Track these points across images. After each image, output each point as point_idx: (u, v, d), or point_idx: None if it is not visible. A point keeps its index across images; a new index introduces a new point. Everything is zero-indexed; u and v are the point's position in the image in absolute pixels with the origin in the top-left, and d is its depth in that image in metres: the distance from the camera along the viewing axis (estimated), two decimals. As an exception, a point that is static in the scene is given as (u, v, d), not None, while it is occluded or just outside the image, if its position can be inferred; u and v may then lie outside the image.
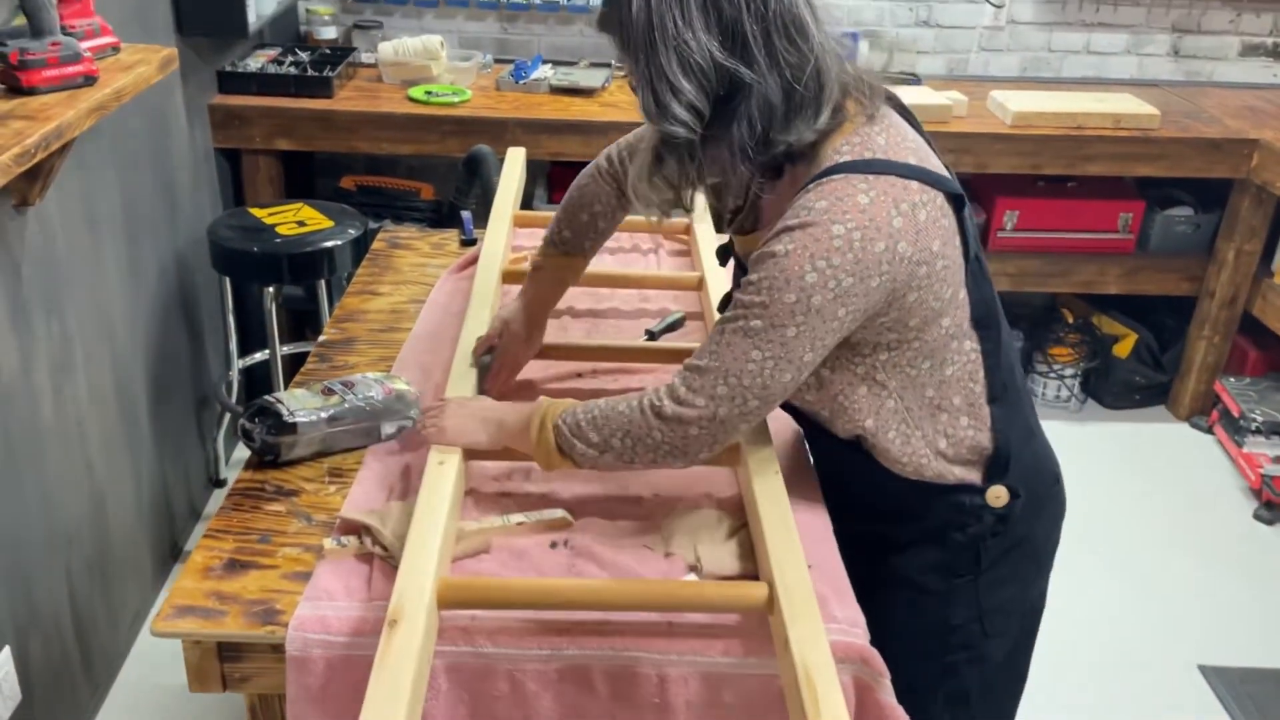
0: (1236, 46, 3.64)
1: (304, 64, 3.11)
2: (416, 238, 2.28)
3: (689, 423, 1.19)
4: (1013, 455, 1.31)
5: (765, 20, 1.10)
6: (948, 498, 1.31)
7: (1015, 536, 1.35)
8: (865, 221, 1.11)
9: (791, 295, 1.12)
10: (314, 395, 1.48)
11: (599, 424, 1.24)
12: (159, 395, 2.54)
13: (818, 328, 1.14)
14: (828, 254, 1.11)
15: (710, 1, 1.09)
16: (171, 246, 2.62)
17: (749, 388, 1.17)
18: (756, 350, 1.15)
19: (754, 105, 1.12)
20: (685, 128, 1.12)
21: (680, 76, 1.10)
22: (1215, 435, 3.41)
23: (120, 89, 1.66)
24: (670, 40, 1.09)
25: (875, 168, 1.15)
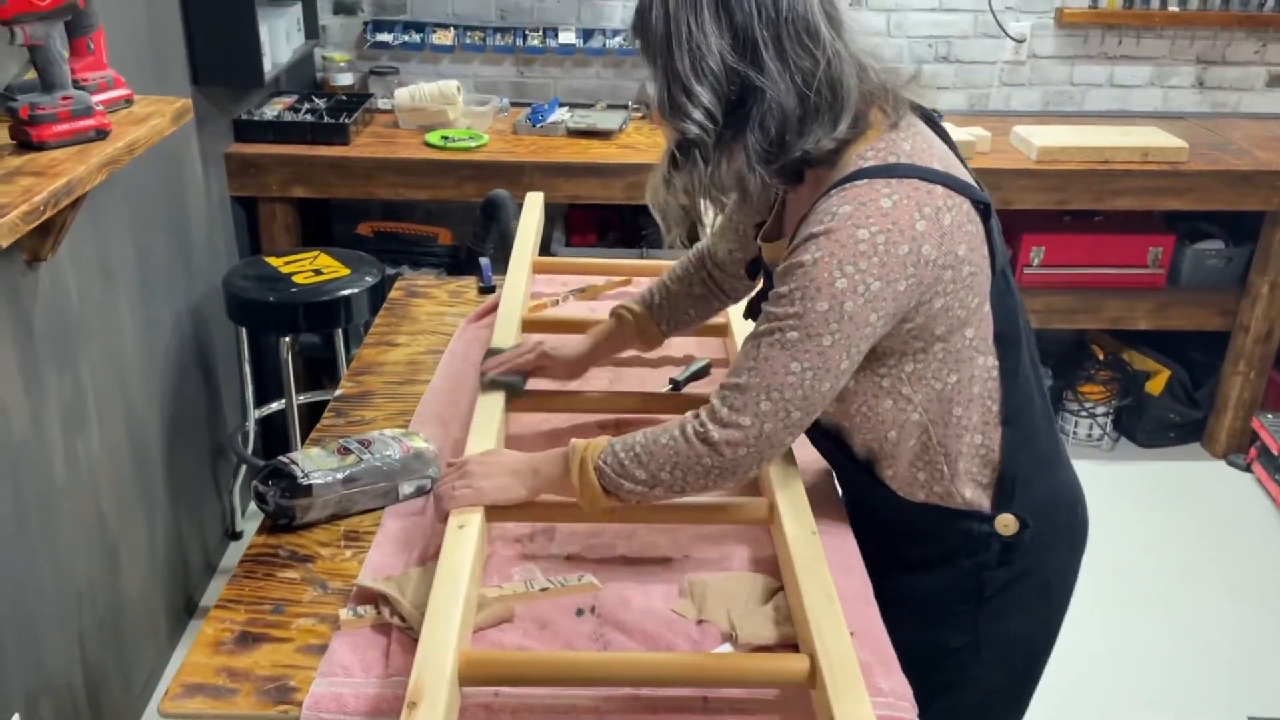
0: (1263, 77, 3.59)
1: (320, 111, 3.10)
2: (434, 285, 2.24)
3: (737, 444, 1.19)
4: (1020, 482, 1.29)
5: (776, 25, 1.12)
6: (956, 523, 1.31)
7: (1021, 568, 1.33)
8: (889, 225, 1.12)
9: (824, 304, 1.13)
10: (330, 455, 1.43)
11: (643, 459, 1.22)
12: (174, 447, 2.50)
13: (852, 334, 1.14)
14: (855, 259, 1.11)
15: (723, 6, 1.12)
16: (187, 296, 2.59)
17: (790, 400, 1.17)
18: (795, 362, 1.15)
19: (766, 109, 1.14)
20: (698, 127, 1.14)
21: (693, 79, 1.13)
22: (1254, 473, 3.31)
23: (133, 142, 1.63)
24: (684, 43, 1.13)
25: (899, 172, 1.15)
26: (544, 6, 3.41)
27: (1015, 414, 1.27)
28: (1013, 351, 1.26)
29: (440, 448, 1.54)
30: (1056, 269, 3.28)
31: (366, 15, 3.40)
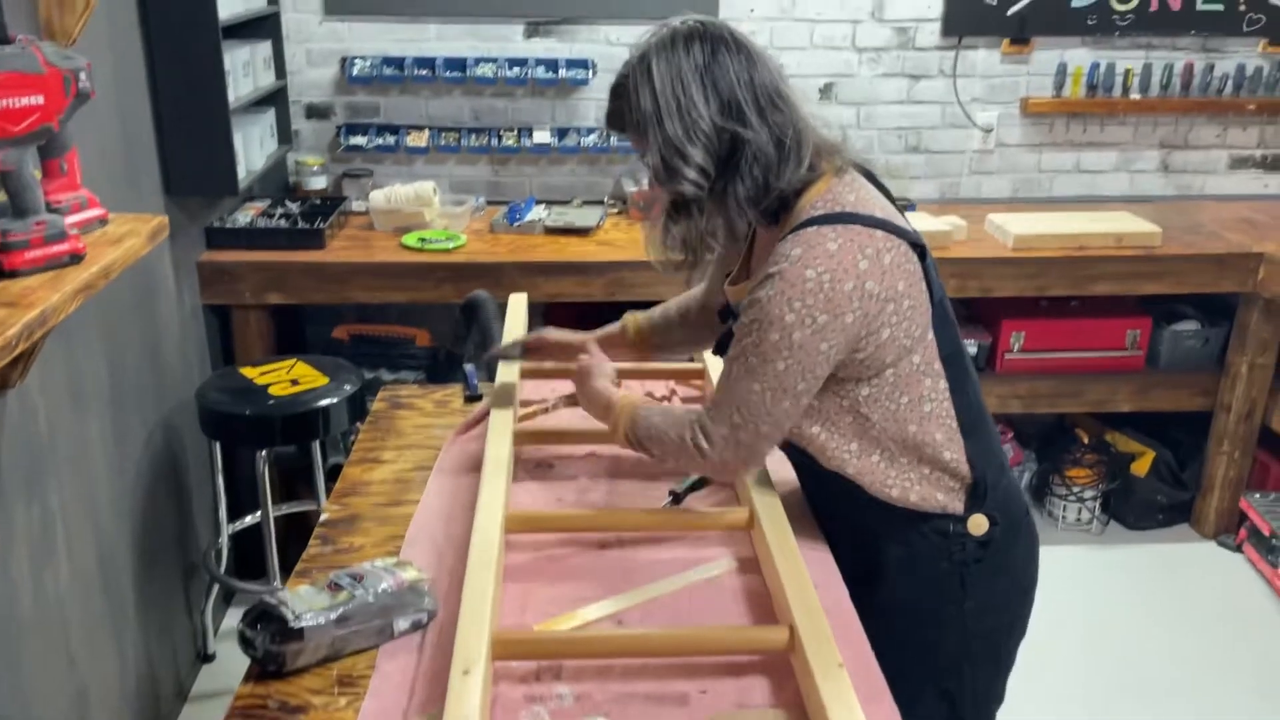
0: (1225, 160, 3.66)
1: (294, 215, 3.06)
2: (418, 395, 2.18)
3: (720, 450, 1.42)
4: (989, 484, 1.45)
5: (754, 88, 1.34)
6: (931, 524, 1.45)
7: (997, 564, 1.48)
8: (834, 265, 1.30)
9: (775, 334, 1.32)
10: (320, 592, 1.35)
11: (655, 440, 1.49)
12: (145, 569, 2.39)
13: (804, 360, 1.33)
14: (802, 295, 1.30)
15: (708, 79, 1.32)
16: (159, 412, 2.51)
17: (756, 415, 1.37)
18: (756, 383, 1.35)
19: (753, 158, 1.33)
20: (694, 185, 1.33)
21: (687, 143, 1.32)
22: (1245, 554, 3.29)
23: (108, 266, 1.57)
24: (675, 115, 1.32)
25: (844, 219, 1.33)
26: (518, 107, 3.42)
27: (972, 426, 1.45)
28: (959, 372, 1.44)
29: (434, 577, 1.47)
30: (1037, 354, 3.28)
31: (339, 119, 3.40)
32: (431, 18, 3.32)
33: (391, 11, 3.31)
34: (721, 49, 1.33)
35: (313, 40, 3.32)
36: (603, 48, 3.37)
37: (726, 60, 1.33)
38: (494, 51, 3.35)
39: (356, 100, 3.39)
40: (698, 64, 1.32)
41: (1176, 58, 3.50)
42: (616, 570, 1.52)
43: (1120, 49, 3.49)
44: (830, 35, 3.42)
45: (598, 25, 3.36)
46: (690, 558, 1.55)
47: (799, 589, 1.35)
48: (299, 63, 3.33)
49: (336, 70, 3.34)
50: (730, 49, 1.34)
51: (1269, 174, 3.69)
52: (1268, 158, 3.67)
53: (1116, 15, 3.43)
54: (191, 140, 2.58)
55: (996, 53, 3.47)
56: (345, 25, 3.31)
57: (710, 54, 1.33)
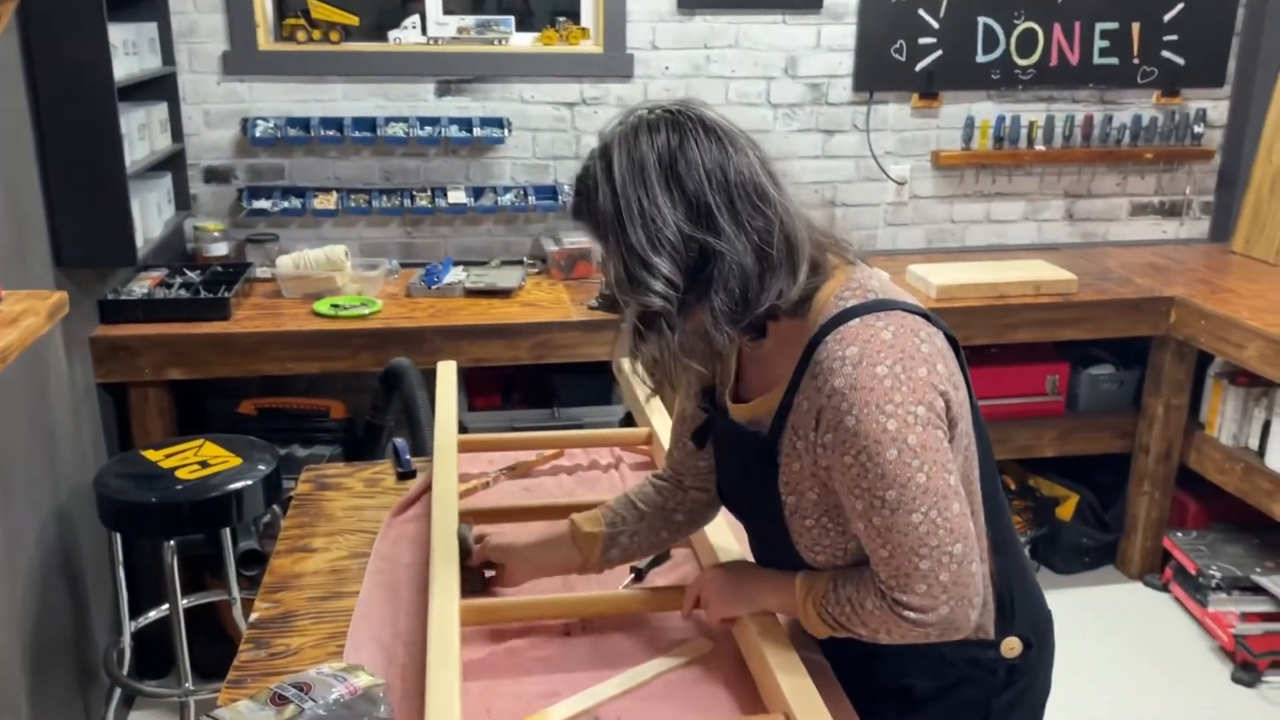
0: (1125, 207, 3.78)
1: (195, 285, 2.88)
2: (346, 475, 2.03)
3: (932, 609, 1.17)
4: (1017, 605, 1.33)
5: (727, 190, 1.15)
6: (965, 652, 1.31)
7: (1021, 689, 1.36)
8: (899, 355, 1.14)
9: (892, 452, 1.13)
10: (263, 707, 1.21)
11: (857, 620, 1.22)
12: (38, 676, 2.16)
13: (935, 458, 1.14)
14: (889, 394, 1.13)
15: (673, 180, 1.14)
16: (52, 502, 2.30)
17: (939, 544, 1.15)
18: (914, 514, 1.14)
19: (728, 270, 1.15)
20: (661, 298, 1.15)
21: (650, 252, 1.14)
22: (1172, 593, 3.33)
23: (5, 349, 1.41)
24: (637, 219, 1.14)
25: (884, 306, 1.19)
26: (430, 167, 3.32)
27: (1003, 540, 1.30)
28: (991, 480, 1.30)
29: (386, 679, 1.33)
30: (962, 402, 3.29)
31: (241, 182, 3.24)
32: (336, 77, 3.20)
33: (294, 71, 3.18)
34: (690, 140, 1.15)
35: (211, 101, 3.16)
36: (517, 105, 3.30)
37: (695, 154, 1.14)
38: (404, 111, 3.25)
39: (259, 162, 3.24)
40: (661, 158, 1.14)
41: (1077, 110, 3.61)
42: (584, 659, 1.41)
43: (1024, 102, 3.59)
44: (745, 92, 3.42)
45: (511, 84, 3.29)
46: (663, 640, 1.45)
47: (789, 672, 1.26)
48: (197, 124, 3.17)
49: (237, 131, 3.18)
50: (700, 139, 1.15)
51: (1167, 220, 3.82)
52: (1165, 204, 3.80)
53: (1019, 70, 3.52)
54: (85, 208, 2.41)
55: (907, 107, 3.53)
56: (245, 85, 3.17)
57: (677, 146, 1.15)
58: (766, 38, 3.38)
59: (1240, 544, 3.22)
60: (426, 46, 3.25)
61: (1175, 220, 3.82)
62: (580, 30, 3.33)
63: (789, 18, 3.37)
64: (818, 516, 1.25)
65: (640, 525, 1.49)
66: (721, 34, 3.35)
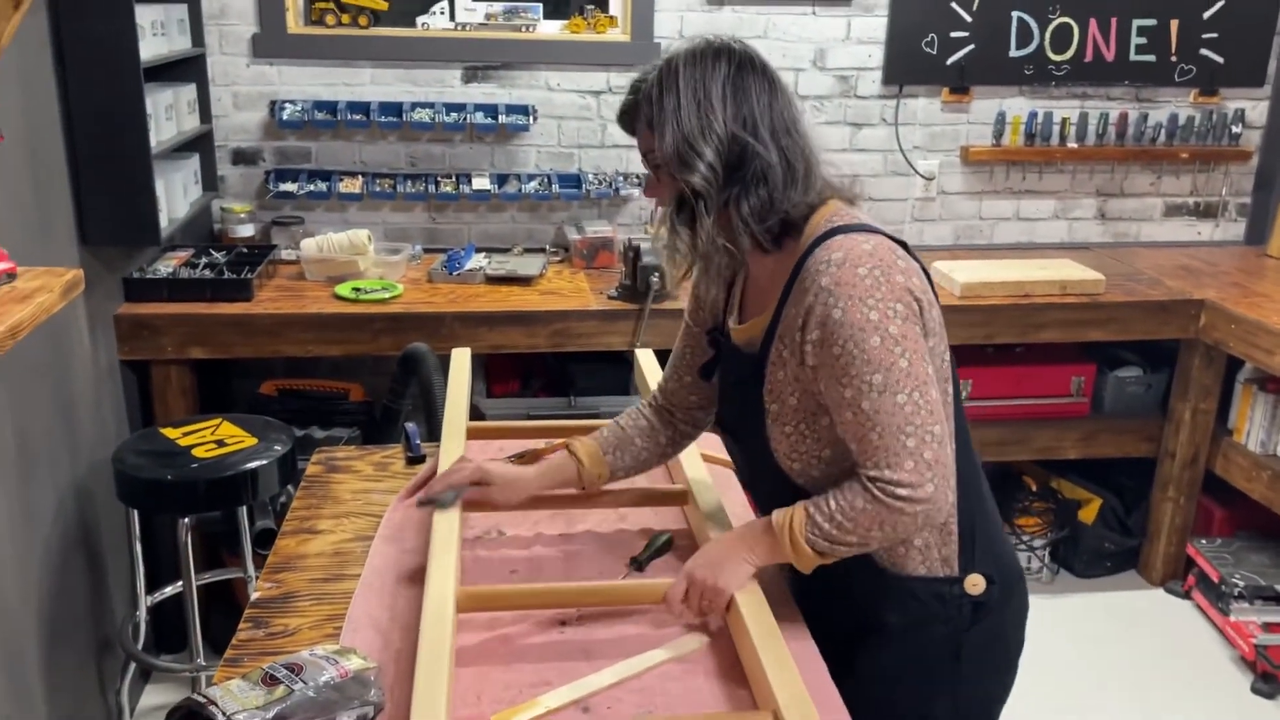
0: (1160, 207, 3.71)
1: (220, 265, 2.91)
2: (356, 457, 2.04)
3: (920, 484, 1.26)
4: (980, 543, 1.41)
5: (771, 112, 1.35)
6: (929, 588, 1.40)
7: (992, 629, 1.44)
8: (877, 261, 1.28)
9: (875, 339, 1.25)
10: (254, 687, 1.22)
11: (849, 526, 1.30)
12: (53, 649, 2.20)
13: (915, 347, 1.26)
14: (870, 290, 1.26)
15: (729, 92, 1.34)
16: (71, 477, 2.33)
17: (921, 423, 1.26)
18: (898, 395, 1.25)
19: (760, 172, 1.33)
20: (703, 179, 1.33)
21: (700, 140, 1.33)
22: (1194, 600, 3.28)
23: (16, 325, 1.43)
24: (693, 112, 1.33)
25: (867, 229, 1.33)
26: (455, 153, 3.32)
27: (965, 477, 1.38)
28: (960, 418, 1.40)
29: (380, 663, 1.34)
30: (985, 402, 3.26)
31: (268, 164, 3.26)
32: (365, 61, 3.22)
33: (323, 55, 3.20)
34: (748, 69, 1.36)
35: (240, 83, 3.18)
36: (543, 93, 3.30)
37: (750, 80, 1.35)
38: (431, 96, 3.26)
39: (286, 145, 3.26)
40: (723, 74, 1.35)
41: (1111, 107, 3.55)
42: (578, 650, 1.41)
43: (1057, 98, 3.53)
44: (772, 83, 3.39)
45: (538, 70, 3.29)
46: (658, 633, 1.45)
47: (781, 670, 1.25)
48: (225, 106, 3.19)
49: (265, 114, 3.21)
50: (756, 72, 1.36)
51: (1201, 221, 3.75)
52: (1200, 205, 3.73)
53: (1053, 65, 3.46)
54: (110, 187, 2.43)
55: (937, 101, 3.48)
56: (274, 68, 3.19)
57: (736, 70, 1.35)
58: (795, 29, 3.35)
59: (1265, 553, 3.17)
60: (454, 32, 3.25)
61: (1210, 222, 3.75)
62: (608, 19, 3.32)
63: (819, 9, 3.34)
64: (796, 423, 1.38)
65: (632, 450, 1.64)
66: (750, 25, 3.32)
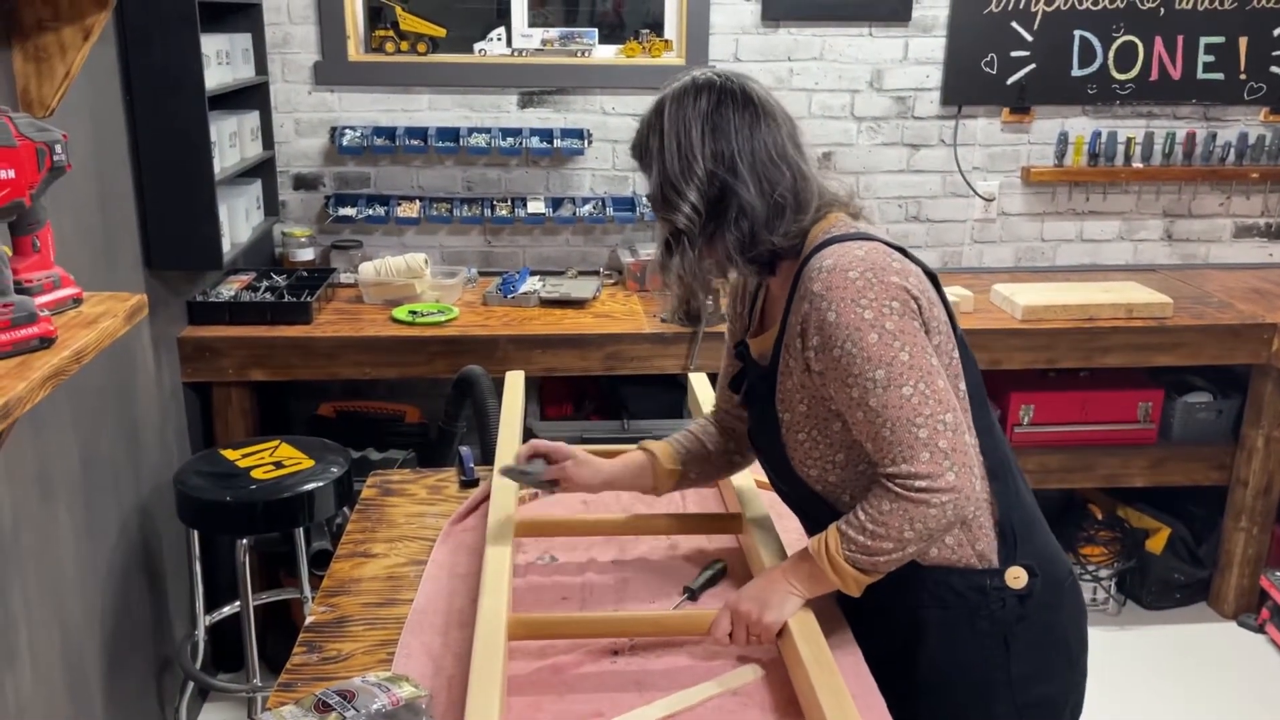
0: (1229, 228, 3.61)
1: (280, 289, 2.96)
2: (410, 481, 2.05)
3: (939, 474, 1.27)
4: (1019, 534, 1.40)
5: (752, 145, 1.36)
6: (968, 580, 1.39)
7: (1041, 625, 1.42)
8: (870, 264, 1.30)
9: (873, 336, 1.28)
10: (306, 713, 1.22)
11: (880, 533, 1.30)
12: (114, 667, 2.23)
13: (915, 339, 1.29)
14: (862, 292, 1.28)
15: (709, 130, 1.36)
16: (134, 497, 2.37)
17: (931, 411, 1.27)
18: (903, 389, 1.27)
19: (739, 210, 1.36)
20: (685, 219, 1.37)
21: (681, 180, 1.37)
22: (1268, 634, 3.16)
23: (81, 350, 1.46)
24: (675, 154, 1.37)
25: (863, 236, 1.36)
26: (511, 177, 3.35)
27: (998, 469, 1.39)
28: (982, 410, 1.40)
29: (432, 691, 1.34)
30: (1047, 427, 3.19)
31: (328, 189, 3.31)
32: (423, 88, 3.26)
33: (382, 82, 3.24)
34: (728, 102, 1.37)
35: (301, 110, 3.24)
36: (598, 117, 3.31)
37: (730, 114, 1.36)
38: (487, 121, 3.29)
39: (346, 170, 3.31)
40: (702, 112, 1.37)
41: (1178, 126, 3.47)
42: (630, 680, 1.40)
43: (1121, 118, 3.46)
44: (828, 104, 3.37)
45: (593, 95, 3.30)
46: (711, 664, 1.42)
47: (837, 705, 1.22)
48: (287, 133, 3.25)
49: (326, 140, 3.26)
50: (737, 104, 1.37)
51: (1273, 242, 3.64)
52: (1272, 226, 3.62)
53: (1116, 84, 3.40)
54: (174, 213, 2.48)
55: (997, 122, 3.43)
56: (335, 95, 3.25)
57: (714, 105, 1.37)
58: (852, 50, 3.32)
59: (1345, 586, 3.05)
60: (511, 58, 3.29)
61: (1282, 243, 3.65)
62: (663, 42, 3.32)
63: (875, 30, 3.31)
64: (809, 430, 1.41)
65: (705, 465, 1.66)
66: (806, 46, 3.31)
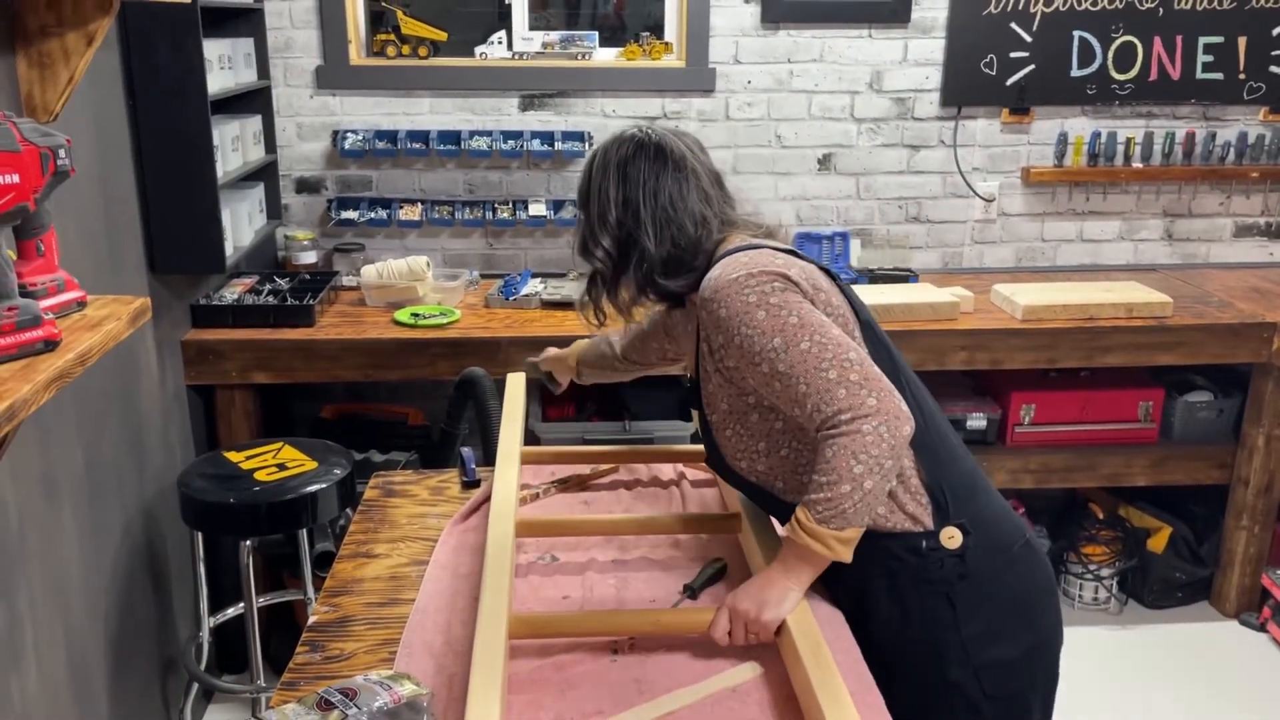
0: (1230, 228, 3.62)
1: (283, 292, 2.97)
2: (413, 482, 2.07)
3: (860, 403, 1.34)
4: (951, 498, 1.46)
5: (655, 196, 1.51)
6: (905, 542, 1.46)
7: (986, 584, 1.47)
8: (751, 264, 1.42)
9: (761, 313, 1.39)
10: (308, 712, 1.23)
11: (833, 480, 1.35)
12: (119, 668, 2.24)
13: (798, 305, 1.39)
14: (744, 283, 1.40)
15: (620, 180, 1.53)
16: (138, 499, 2.39)
17: (833, 355, 1.36)
18: (800, 345, 1.37)
19: (640, 255, 1.52)
20: (600, 262, 1.55)
21: (599, 229, 1.54)
22: (1269, 633, 3.17)
23: (85, 352, 1.47)
24: (595, 204, 1.55)
25: (749, 247, 1.48)
26: (513, 180, 3.36)
27: (920, 436, 1.44)
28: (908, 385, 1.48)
29: (434, 689, 1.35)
30: (1048, 427, 3.19)
31: (330, 193, 3.33)
32: (424, 91, 3.27)
33: (384, 85, 3.26)
34: (640, 155, 1.52)
35: (303, 114, 3.26)
36: (598, 120, 3.33)
37: (641, 165, 1.52)
38: (488, 125, 3.30)
39: (348, 174, 3.32)
40: (618, 165, 1.53)
41: (1177, 126, 3.48)
42: (630, 679, 1.41)
43: (1120, 118, 3.47)
44: (828, 106, 3.38)
45: (593, 98, 3.31)
46: (711, 662, 1.43)
47: (835, 703, 1.23)
48: (289, 137, 3.27)
49: (328, 144, 3.28)
50: (647, 157, 1.52)
51: (1273, 241, 3.65)
52: (1272, 225, 3.63)
53: (1116, 85, 3.41)
54: (178, 217, 2.50)
55: (996, 122, 3.44)
56: (337, 99, 3.26)
57: (628, 157, 1.53)
58: (851, 52, 3.34)
59: (1346, 585, 3.05)
60: (512, 62, 3.30)
61: (1283, 242, 3.65)
62: (663, 45, 3.34)
63: (875, 31, 3.33)
64: (733, 426, 1.53)
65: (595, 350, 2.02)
66: (805, 48, 3.32)
